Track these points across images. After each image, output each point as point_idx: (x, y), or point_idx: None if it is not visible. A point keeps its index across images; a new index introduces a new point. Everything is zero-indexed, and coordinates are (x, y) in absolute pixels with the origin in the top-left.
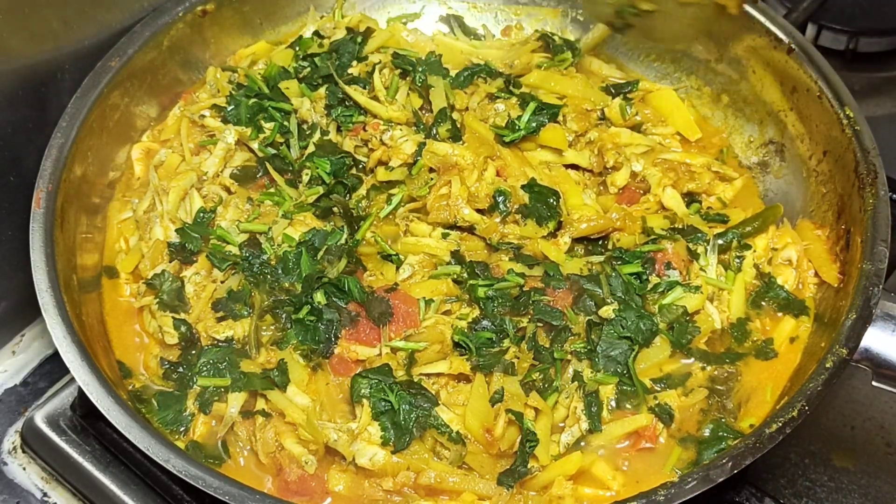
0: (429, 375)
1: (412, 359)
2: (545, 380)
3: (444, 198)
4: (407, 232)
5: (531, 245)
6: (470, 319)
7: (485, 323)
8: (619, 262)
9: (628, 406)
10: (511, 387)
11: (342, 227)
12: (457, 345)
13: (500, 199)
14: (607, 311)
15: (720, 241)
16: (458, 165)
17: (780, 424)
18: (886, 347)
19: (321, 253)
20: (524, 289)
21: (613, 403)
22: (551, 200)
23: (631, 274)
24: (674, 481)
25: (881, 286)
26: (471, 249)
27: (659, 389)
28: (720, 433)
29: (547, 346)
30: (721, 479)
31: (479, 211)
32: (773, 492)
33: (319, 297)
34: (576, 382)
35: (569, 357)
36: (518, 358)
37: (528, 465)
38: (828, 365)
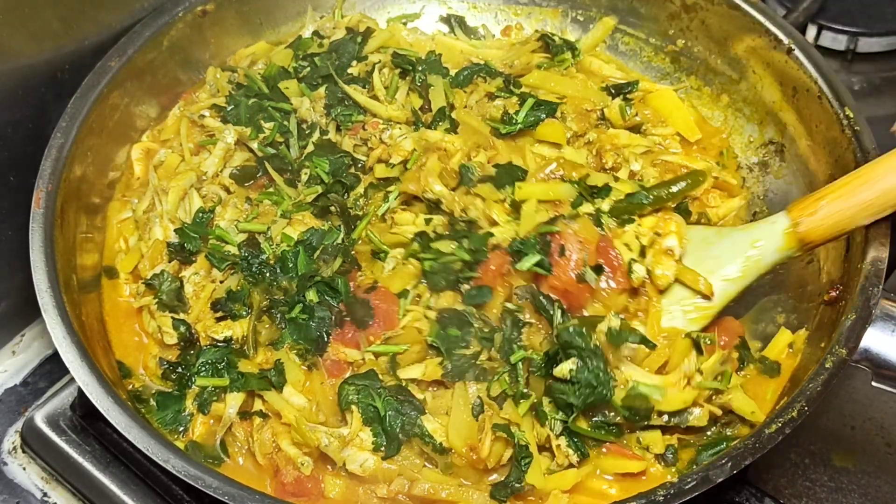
0: (414, 379)
1: (395, 362)
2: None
3: (419, 170)
4: (393, 224)
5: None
6: (436, 307)
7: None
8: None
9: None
10: (486, 397)
11: (339, 226)
12: (431, 346)
13: (465, 171)
14: (563, 370)
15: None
16: (447, 151)
17: (780, 424)
18: (886, 347)
19: (317, 253)
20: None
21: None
22: (518, 174)
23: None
24: (674, 481)
25: (881, 286)
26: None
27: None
28: (720, 433)
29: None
30: (721, 479)
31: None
32: (773, 492)
33: (312, 296)
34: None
35: (528, 356)
36: (490, 360)
37: (522, 483)
38: (828, 365)
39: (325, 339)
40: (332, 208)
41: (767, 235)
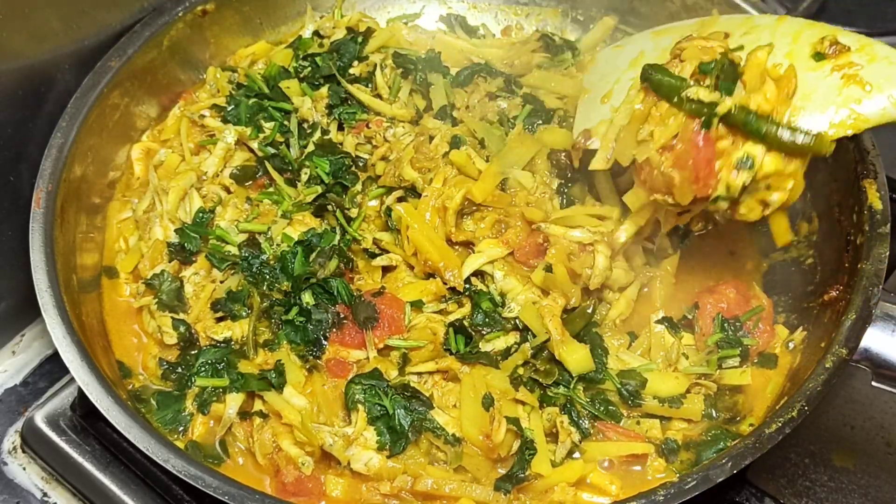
0: (420, 374)
1: (406, 358)
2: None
3: (392, 163)
4: (389, 221)
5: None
6: (464, 316)
7: (478, 317)
8: None
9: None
10: (498, 383)
11: (334, 228)
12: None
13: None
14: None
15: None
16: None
17: (780, 424)
18: (886, 347)
19: (314, 255)
20: None
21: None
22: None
23: None
24: (674, 481)
25: (881, 286)
26: None
27: (662, 406)
28: (720, 433)
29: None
30: (721, 479)
31: None
32: (773, 492)
33: (308, 298)
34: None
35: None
36: (517, 345)
37: (526, 472)
38: (827, 365)
39: (324, 342)
40: (330, 207)
41: None
